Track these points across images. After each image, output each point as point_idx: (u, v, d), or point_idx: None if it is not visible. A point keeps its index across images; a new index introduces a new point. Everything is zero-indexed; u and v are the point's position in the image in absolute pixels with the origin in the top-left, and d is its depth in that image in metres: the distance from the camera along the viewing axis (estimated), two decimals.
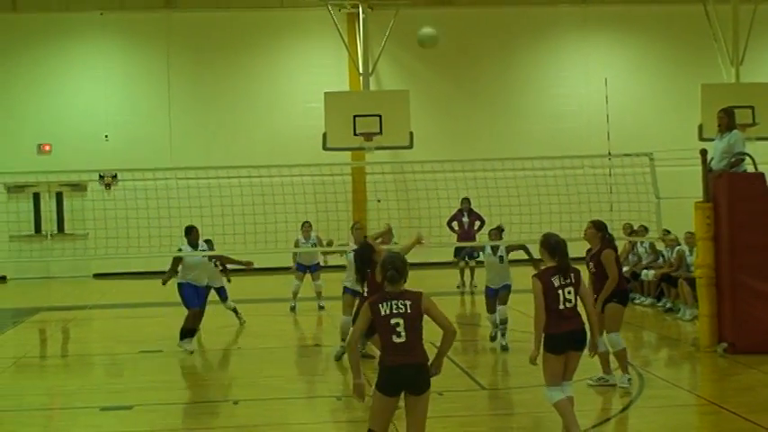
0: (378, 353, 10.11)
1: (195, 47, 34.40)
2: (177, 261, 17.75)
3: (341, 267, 17.83)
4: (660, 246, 22.59)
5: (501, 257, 17.14)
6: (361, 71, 32.07)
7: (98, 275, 32.81)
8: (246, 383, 14.67)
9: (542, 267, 10.79)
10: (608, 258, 13.84)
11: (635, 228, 22.77)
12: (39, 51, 33.72)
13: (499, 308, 16.89)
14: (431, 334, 9.08)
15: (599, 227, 14.16)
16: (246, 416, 12.73)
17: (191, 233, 17.91)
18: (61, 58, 33.94)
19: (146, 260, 25.31)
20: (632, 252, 23.64)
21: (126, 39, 34.35)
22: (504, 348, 16.72)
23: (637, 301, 22.46)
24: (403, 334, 8.81)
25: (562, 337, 10.48)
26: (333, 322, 19.37)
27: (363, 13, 32.06)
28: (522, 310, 17.27)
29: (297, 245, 22.17)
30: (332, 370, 16.01)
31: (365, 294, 13.39)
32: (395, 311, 8.84)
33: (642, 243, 22.93)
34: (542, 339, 10.53)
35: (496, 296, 17.00)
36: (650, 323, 20.40)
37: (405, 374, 8.82)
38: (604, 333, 13.74)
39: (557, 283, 10.52)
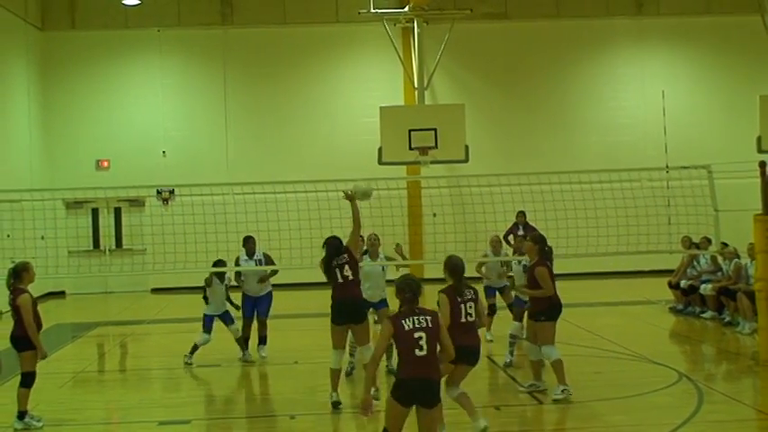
0: None
1: (252, 62, 34.57)
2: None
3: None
4: (719, 259, 22.39)
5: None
6: (416, 85, 32.09)
7: (156, 290, 32.97)
8: (303, 397, 14.67)
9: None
10: (541, 275, 14.16)
11: (694, 240, 22.55)
12: (97, 68, 34.02)
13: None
14: None
15: (535, 240, 14.54)
16: (303, 430, 12.75)
17: (248, 242, 18.38)
18: (119, 74, 34.20)
19: (203, 275, 25.40)
20: (691, 265, 23.43)
21: (183, 55, 34.58)
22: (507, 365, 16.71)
23: (704, 316, 22.30)
24: (425, 347, 9.39)
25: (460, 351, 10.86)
26: None
27: (418, 27, 32.11)
28: (578, 324, 17.24)
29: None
30: (388, 384, 16.02)
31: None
32: (417, 326, 9.45)
33: (704, 256, 22.72)
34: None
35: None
36: (709, 337, 20.21)
37: (420, 388, 9.41)
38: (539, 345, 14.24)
39: (459, 299, 11.49)
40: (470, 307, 11.45)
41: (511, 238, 26.53)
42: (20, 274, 13.33)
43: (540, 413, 13.45)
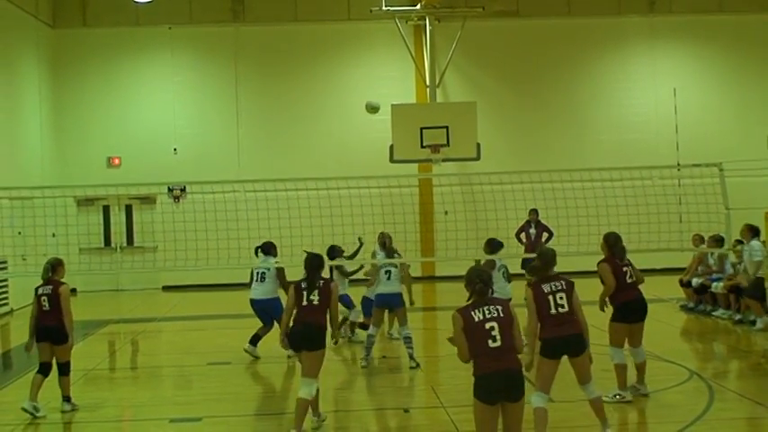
0: None
1: (263, 60, 34.56)
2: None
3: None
4: (732, 257, 22.34)
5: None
6: (427, 83, 32.11)
7: (167, 288, 33.02)
8: None
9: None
10: (600, 270, 13.93)
11: (706, 239, 22.49)
12: (108, 66, 34.04)
13: None
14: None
15: (605, 238, 14.18)
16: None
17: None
18: (130, 72, 34.21)
19: (214, 272, 25.46)
20: (702, 264, 23.38)
21: (194, 52, 34.57)
22: None
23: (715, 314, 22.23)
24: (499, 338, 8.99)
25: (554, 342, 10.93)
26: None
27: (430, 25, 32.13)
28: (590, 322, 17.14)
29: (374, 256, 21.88)
30: (400, 382, 16.01)
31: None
32: (488, 316, 9.05)
33: (711, 254, 22.68)
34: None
35: None
36: (720, 335, 20.16)
37: (501, 381, 8.96)
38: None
39: (547, 290, 11.02)
40: (561, 298, 10.98)
41: (523, 236, 26.53)
42: (56, 268, 14.33)
43: (551, 411, 13.40)
